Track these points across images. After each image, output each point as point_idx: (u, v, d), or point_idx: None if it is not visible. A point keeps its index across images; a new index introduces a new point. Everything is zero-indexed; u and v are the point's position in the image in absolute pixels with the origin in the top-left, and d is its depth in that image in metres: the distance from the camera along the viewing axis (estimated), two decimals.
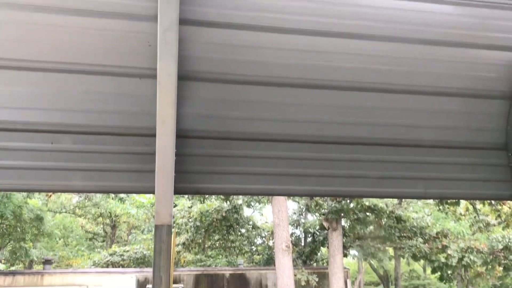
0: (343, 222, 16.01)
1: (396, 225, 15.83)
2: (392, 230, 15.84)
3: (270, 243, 21.07)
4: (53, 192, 19.37)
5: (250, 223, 21.25)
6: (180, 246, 19.78)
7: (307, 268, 16.43)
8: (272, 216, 14.20)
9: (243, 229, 21.20)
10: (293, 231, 21.07)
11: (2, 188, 3.78)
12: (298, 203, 21.15)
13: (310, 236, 20.38)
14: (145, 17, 3.28)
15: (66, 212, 25.54)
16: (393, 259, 26.81)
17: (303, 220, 21.19)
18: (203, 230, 19.78)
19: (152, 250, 3.53)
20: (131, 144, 3.73)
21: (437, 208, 16.54)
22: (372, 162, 4.11)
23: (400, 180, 4.17)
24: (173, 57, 3.12)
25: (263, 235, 22.39)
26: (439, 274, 17.25)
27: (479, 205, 16.06)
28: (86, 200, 25.30)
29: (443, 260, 15.95)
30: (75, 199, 26.03)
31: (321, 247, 19.69)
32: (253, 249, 22.45)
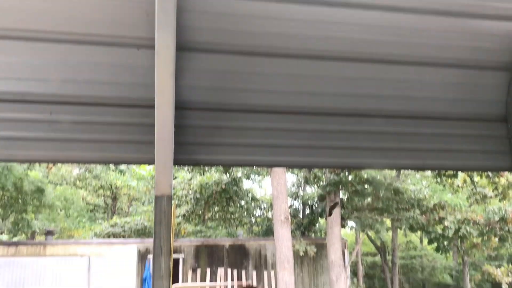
0: (341, 195, 16.15)
1: (394, 197, 15.97)
2: (390, 202, 15.99)
3: (269, 215, 21.32)
4: (53, 163, 19.42)
5: (250, 195, 21.44)
6: (181, 218, 20.01)
7: (306, 239, 16.66)
8: (271, 188, 14.31)
9: (243, 201, 21.41)
10: (292, 203, 21.29)
11: (2, 159, 3.80)
12: (297, 176, 21.30)
13: (309, 208, 20.60)
14: None
15: (67, 184, 25.70)
16: (390, 231, 27.16)
17: (302, 192, 21.38)
18: (203, 202, 19.97)
19: (153, 222, 3.57)
20: (130, 115, 3.73)
21: (435, 181, 16.67)
22: (371, 134, 4.12)
23: (399, 152, 4.18)
24: (172, 27, 3.08)
25: (262, 207, 22.63)
26: (436, 245, 17.50)
27: (477, 178, 16.18)
28: (87, 172, 25.43)
29: (440, 232, 16.16)
30: (76, 171, 26.16)
31: (319, 219, 19.92)
32: (252, 221, 22.74)
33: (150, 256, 14.82)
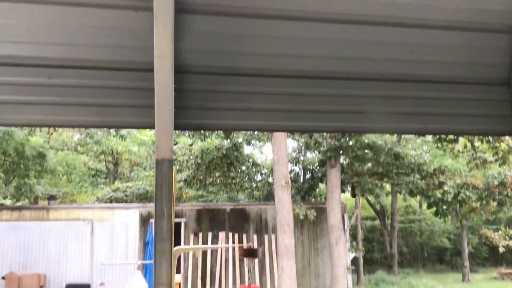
0: (342, 160, 16.21)
1: (394, 162, 16.03)
2: (390, 167, 16.06)
3: (270, 180, 21.49)
4: (53, 127, 19.44)
5: (250, 161, 21.55)
6: (182, 183, 20.18)
7: (306, 204, 16.84)
8: (272, 154, 14.36)
9: (244, 167, 21.54)
10: (292, 169, 21.42)
11: (1, 123, 3.80)
12: (298, 141, 21.34)
13: (309, 173, 20.74)
14: None
15: (68, 150, 25.80)
16: (390, 195, 27.44)
17: (302, 158, 21.47)
18: (204, 167, 20.10)
19: (154, 186, 3.59)
20: (130, 79, 3.70)
21: (436, 146, 16.69)
22: (372, 98, 4.09)
23: (400, 116, 4.17)
24: None
25: (263, 172, 22.78)
26: (435, 210, 17.71)
27: (477, 143, 16.19)
28: (88, 138, 25.47)
29: (439, 196, 16.31)
30: (77, 137, 26.21)
31: (320, 184, 20.08)
32: (253, 186, 22.93)
33: (153, 220, 15.03)
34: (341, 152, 15.39)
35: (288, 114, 4.05)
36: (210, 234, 15.90)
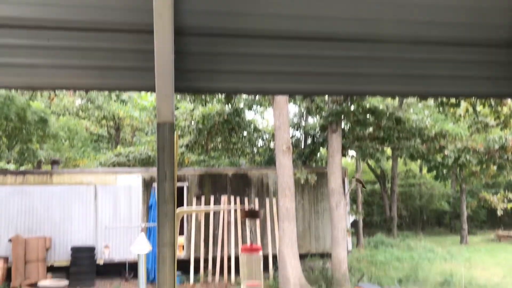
0: (343, 125, 16.20)
1: (396, 127, 16.02)
2: (391, 132, 16.06)
3: (271, 145, 21.56)
4: (53, 90, 19.35)
5: (252, 126, 21.56)
6: (184, 148, 20.28)
7: (307, 168, 16.96)
8: (273, 119, 14.35)
9: (245, 132, 21.57)
10: (294, 134, 21.45)
11: (2, 85, 3.79)
12: (299, 106, 21.27)
13: (310, 138, 20.78)
14: None
15: (70, 115, 25.80)
16: (391, 159, 27.58)
17: (304, 123, 21.46)
18: (206, 133, 20.14)
19: (156, 150, 3.61)
20: (130, 41, 3.65)
21: (437, 110, 16.63)
22: (374, 60, 4.04)
23: (402, 78, 4.13)
24: None
25: (264, 138, 22.83)
26: (435, 173, 17.83)
27: (479, 107, 16.11)
28: (89, 103, 25.43)
29: (440, 160, 16.38)
30: (78, 102, 26.16)
31: (321, 148, 20.15)
32: (255, 151, 23.02)
33: (156, 184, 15.19)
34: (343, 117, 15.37)
35: (291, 77, 4.02)
36: (212, 198, 16.10)
